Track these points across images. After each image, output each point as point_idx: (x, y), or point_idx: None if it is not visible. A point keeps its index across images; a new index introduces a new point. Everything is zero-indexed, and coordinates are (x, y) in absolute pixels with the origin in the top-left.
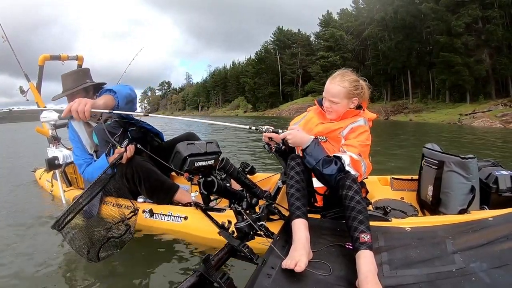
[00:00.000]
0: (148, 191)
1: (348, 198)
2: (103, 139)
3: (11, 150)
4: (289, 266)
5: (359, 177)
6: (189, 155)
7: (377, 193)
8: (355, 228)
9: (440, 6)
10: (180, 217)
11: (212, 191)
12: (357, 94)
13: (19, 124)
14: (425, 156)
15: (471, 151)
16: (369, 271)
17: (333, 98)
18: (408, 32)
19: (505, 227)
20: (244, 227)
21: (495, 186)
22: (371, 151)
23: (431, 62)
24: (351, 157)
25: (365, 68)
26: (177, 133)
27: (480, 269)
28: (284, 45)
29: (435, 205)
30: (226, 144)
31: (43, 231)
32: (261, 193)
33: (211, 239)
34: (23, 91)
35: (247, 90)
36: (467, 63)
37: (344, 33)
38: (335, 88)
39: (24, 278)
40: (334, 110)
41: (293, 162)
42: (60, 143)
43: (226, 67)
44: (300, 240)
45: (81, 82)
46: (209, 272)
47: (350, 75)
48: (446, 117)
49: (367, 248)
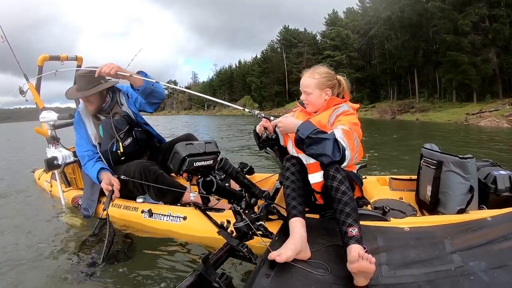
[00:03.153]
0: (157, 194)
1: (333, 189)
2: (108, 133)
3: (11, 150)
4: (270, 257)
5: (352, 154)
6: (188, 155)
7: (376, 193)
8: (343, 222)
9: (446, 5)
10: (179, 217)
11: (211, 191)
12: (330, 86)
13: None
14: (424, 156)
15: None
16: (356, 256)
17: (306, 89)
18: (414, 31)
19: (503, 227)
20: (243, 227)
21: (494, 186)
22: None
23: (438, 61)
24: (342, 128)
25: (371, 67)
26: (180, 133)
27: (479, 268)
28: (290, 44)
29: (434, 205)
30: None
31: (42, 231)
32: (259, 193)
33: (210, 239)
34: (22, 91)
35: (253, 89)
36: (473, 62)
37: (350, 32)
38: (306, 80)
39: (23, 278)
40: (309, 101)
41: (289, 163)
42: (59, 143)
43: (232, 66)
44: (293, 237)
45: (95, 83)
46: (208, 272)
47: (321, 69)
48: (452, 116)
49: (355, 242)
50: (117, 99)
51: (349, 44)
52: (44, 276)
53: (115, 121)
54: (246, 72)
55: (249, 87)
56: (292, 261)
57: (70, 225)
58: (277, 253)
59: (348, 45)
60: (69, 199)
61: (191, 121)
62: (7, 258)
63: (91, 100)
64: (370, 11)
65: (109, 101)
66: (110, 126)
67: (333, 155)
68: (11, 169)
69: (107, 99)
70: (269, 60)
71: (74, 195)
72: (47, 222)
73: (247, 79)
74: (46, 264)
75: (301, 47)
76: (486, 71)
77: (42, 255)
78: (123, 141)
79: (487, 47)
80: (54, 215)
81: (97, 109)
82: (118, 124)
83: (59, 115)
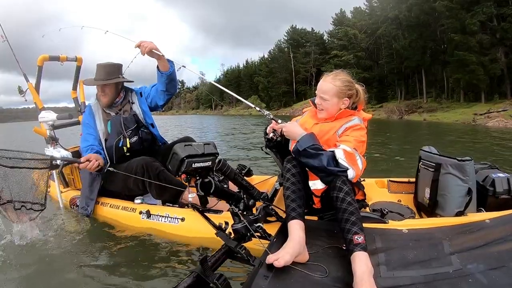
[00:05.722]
0: (157, 190)
1: (339, 200)
2: (116, 129)
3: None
4: (268, 261)
5: (356, 172)
6: (186, 156)
7: (374, 195)
8: (348, 230)
9: (454, 4)
10: (177, 219)
11: (209, 192)
12: (348, 95)
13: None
14: (422, 159)
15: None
16: (364, 272)
17: (323, 95)
18: (422, 31)
19: (502, 229)
20: (241, 229)
21: (492, 189)
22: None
23: (445, 61)
24: (344, 150)
25: (378, 67)
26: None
27: (477, 270)
28: (298, 43)
29: (432, 208)
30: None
31: (40, 232)
32: (258, 194)
33: (208, 240)
34: (21, 91)
35: (260, 89)
36: (481, 62)
37: (358, 32)
38: (326, 85)
39: (22, 279)
40: (324, 107)
41: (289, 165)
42: (58, 143)
43: (240, 66)
44: (292, 240)
45: (114, 76)
46: (206, 273)
47: (343, 75)
48: (460, 116)
49: (361, 249)
50: (129, 98)
51: (357, 44)
52: (42, 276)
53: (124, 118)
54: (253, 72)
55: (256, 87)
56: (291, 264)
57: (69, 225)
58: (275, 257)
59: (355, 44)
60: (67, 200)
61: (199, 120)
62: (4, 258)
63: (106, 91)
64: (377, 10)
65: (122, 97)
66: (119, 122)
67: (327, 169)
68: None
69: (121, 94)
70: (276, 60)
71: (72, 196)
72: (45, 223)
73: (255, 79)
74: (44, 265)
75: (309, 47)
76: (494, 71)
77: (39, 255)
78: (130, 138)
79: (495, 46)
80: (52, 216)
81: (111, 102)
82: (127, 122)
83: (58, 115)
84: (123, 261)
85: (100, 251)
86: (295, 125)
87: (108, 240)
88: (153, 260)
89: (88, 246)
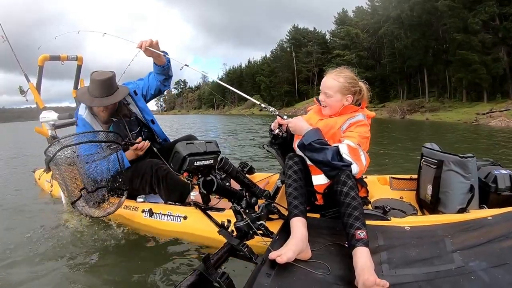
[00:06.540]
0: (166, 191)
1: (343, 194)
2: (121, 134)
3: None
4: (271, 257)
5: (360, 168)
6: (188, 155)
7: (377, 192)
8: (351, 225)
9: (456, 3)
10: (180, 217)
11: (211, 190)
12: (352, 92)
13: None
14: (424, 156)
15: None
16: (365, 264)
17: (327, 90)
18: (424, 30)
19: (504, 226)
20: (244, 227)
21: (494, 185)
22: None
23: (448, 60)
24: (348, 145)
25: (381, 66)
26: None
27: (479, 268)
28: (300, 43)
29: (434, 205)
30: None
31: (43, 231)
32: (260, 192)
33: (211, 238)
34: (22, 91)
35: (262, 88)
36: (484, 61)
37: (360, 31)
38: (330, 81)
39: (22, 279)
40: (328, 104)
41: (291, 161)
42: None
43: (242, 66)
44: (295, 237)
45: (113, 89)
46: (208, 271)
47: (347, 72)
48: (463, 116)
49: (363, 244)
50: (123, 100)
51: (359, 43)
52: (44, 275)
53: (128, 121)
54: (255, 72)
55: (258, 87)
56: (293, 261)
57: (71, 224)
58: (278, 253)
59: (357, 44)
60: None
61: (202, 120)
62: (7, 257)
63: (109, 107)
64: (379, 10)
65: (117, 103)
66: (124, 127)
67: (331, 163)
68: (10, 168)
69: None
70: (279, 60)
71: None
72: (48, 222)
73: (257, 79)
74: (46, 264)
75: (311, 46)
76: (497, 70)
77: (42, 254)
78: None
79: (497, 45)
80: (54, 215)
81: (110, 116)
82: (131, 125)
83: (59, 115)
84: (126, 259)
85: (102, 249)
86: (301, 120)
87: (110, 238)
88: (156, 258)
89: (90, 244)
